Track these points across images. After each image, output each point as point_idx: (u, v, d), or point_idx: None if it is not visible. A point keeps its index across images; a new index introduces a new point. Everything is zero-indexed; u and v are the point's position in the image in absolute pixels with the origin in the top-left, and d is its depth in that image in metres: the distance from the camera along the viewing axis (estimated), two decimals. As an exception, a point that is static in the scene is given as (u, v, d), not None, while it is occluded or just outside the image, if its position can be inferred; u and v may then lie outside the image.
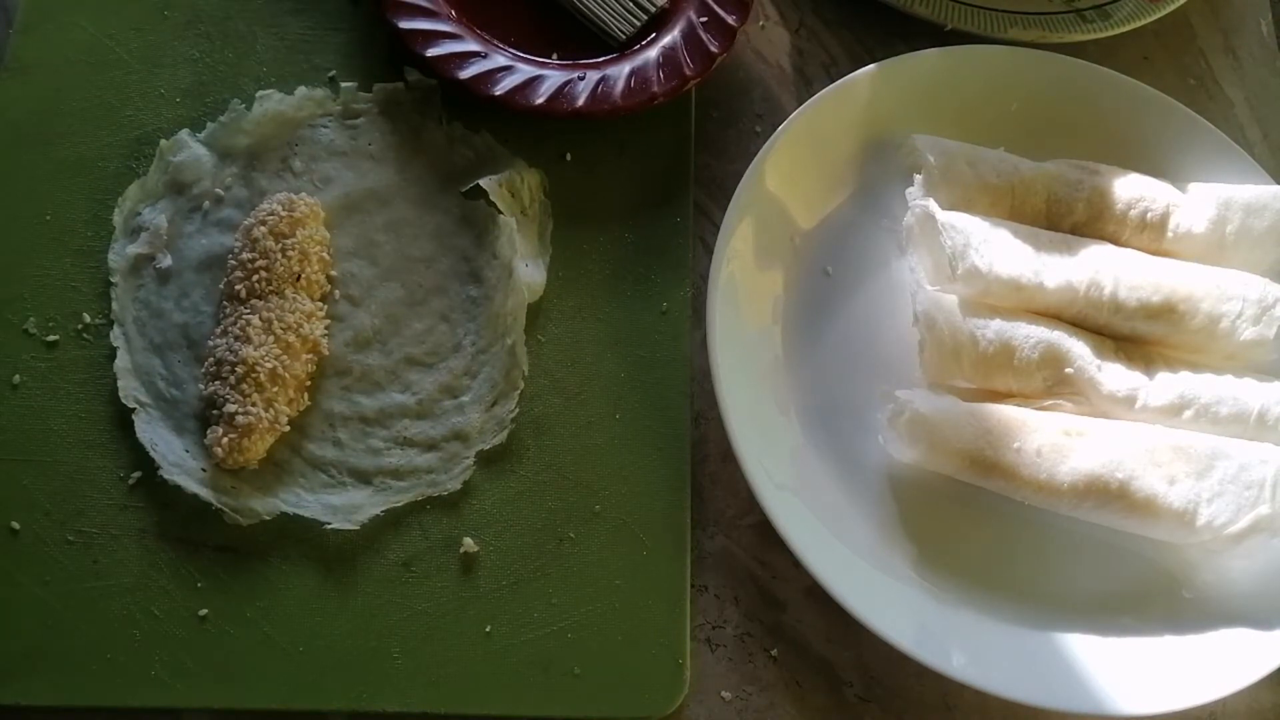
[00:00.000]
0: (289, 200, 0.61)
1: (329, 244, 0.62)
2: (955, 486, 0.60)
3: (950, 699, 0.58)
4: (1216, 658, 0.57)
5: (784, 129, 0.65)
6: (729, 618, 0.59)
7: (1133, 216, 0.64)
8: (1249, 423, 0.60)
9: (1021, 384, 0.60)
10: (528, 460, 0.60)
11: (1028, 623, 0.58)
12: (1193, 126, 0.69)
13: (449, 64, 0.65)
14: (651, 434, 0.61)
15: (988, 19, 0.72)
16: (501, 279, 0.62)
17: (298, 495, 0.58)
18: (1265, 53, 0.78)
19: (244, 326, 0.58)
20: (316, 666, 0.55)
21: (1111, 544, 0.60)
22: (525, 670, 0.56)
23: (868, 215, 0.67)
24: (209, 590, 0.56)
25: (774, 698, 0.58)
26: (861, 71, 0.67)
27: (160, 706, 0.55)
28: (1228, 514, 0.57)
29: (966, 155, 0.65)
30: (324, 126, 0.66)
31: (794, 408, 0.62)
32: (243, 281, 0.59)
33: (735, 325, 0.61)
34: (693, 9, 0.69)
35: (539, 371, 0.62)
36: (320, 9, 0.70)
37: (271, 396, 0.57)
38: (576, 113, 0.65)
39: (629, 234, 0.66)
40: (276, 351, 0.58)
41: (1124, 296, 0.61)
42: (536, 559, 0.58)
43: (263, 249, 0.60)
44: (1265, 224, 0.64)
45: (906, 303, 0.63)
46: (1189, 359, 0.62)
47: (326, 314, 0.61)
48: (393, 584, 0.57)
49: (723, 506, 0.61)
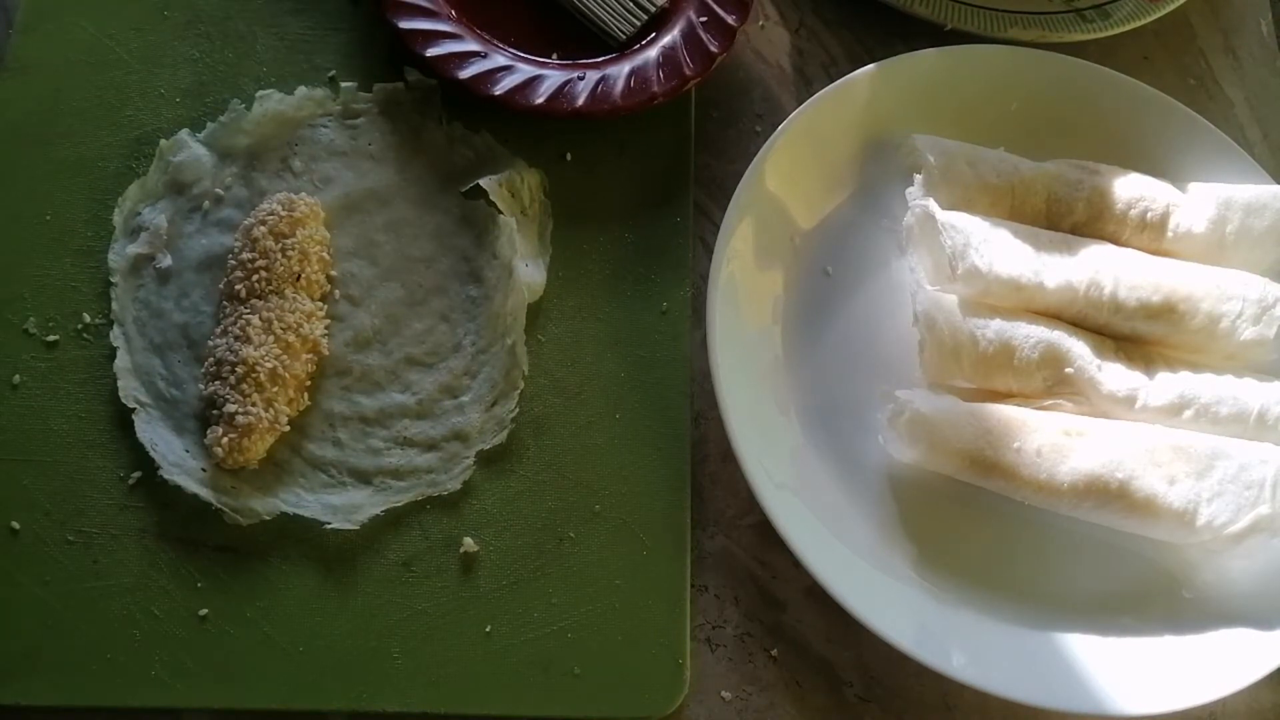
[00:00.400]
0: (289, 200, 0.61)
1: (329, 244, 0.62)
2: (955, 486, 0.60)
3: (950, 699, 0.58)
4: (1216, 658, 0.57)
5: (784, 129, 0.65)
6: (729, 618, 0.59)
7: (1133, 216, 0.64)
8: (1249, 423, 0.60)
9: (1021, 384, 0.60)
10: (528, 460, 0.60)
11: (1028, 623, 0.58)
12: (1193, 126, 0.69)
13: (449, 64, 0.65)
14: (651, 434, 0.61)
15: (988, 19, 0.72)
16: (501, 279, 0.62)
17: (298, 495, 0.58)
18: (1265, 53, 0.78)
19: (244, 326, 0.58)
20: (316, 666, 0.55)
21: (1111, 544, 0.60)
22: (525, 670, 0.56)
23: (868, 215, 0.67)
24: (209, 590, 0.56)
25: (774, 698, 0.58)
26: (861, 71, 0.67)
27: (160, 706, 0.55)
28: (1228, 514, 0.57)
29: (966, 155, 0.65)
30: (324, 126, 0.66)
31: (794, 408, 0.62)
32: (243, 281, 0.59)
33: (735, 325, 0.61)
34: (693, 9, 0.69)
35: (539, 371, 0.62)
36: (320, 9, 0.70)
37: (271, 396, 0.57)
38: (576, 113, 0.65)
39: (629, 234, 0.66)
40: (276, 351, 0.58)
41: (1124, 296, 0.61)
42: (536, 559, 0.58)
43: (263, 249, 0.60)
44: (1265, 224, 0.64)
45: (906, 303, 0.63)
46: (1189, 359, 0.62)
47: (326, 314, 0.61)
48: (393, 584, 0.57)
49: (723, 506, 0.61)
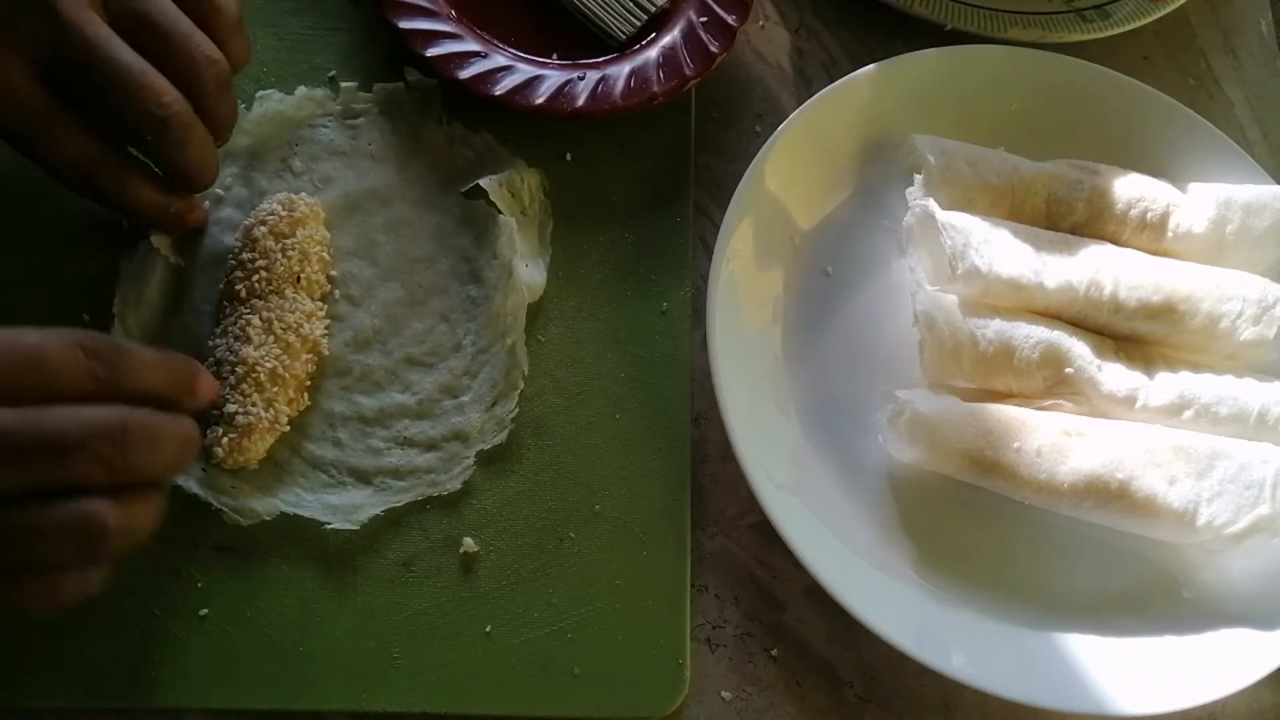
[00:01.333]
0: (289, 200, 0.61)
1: (329, 244, 0.62)
2: (955, 486, 0.60)
3: (950, 699, 0.58)
4: (1216, 658, 0.57)
5: (784, 129, 0.65)
6: (729, 618, 0.59)
7: (1133, 216, 0.64)
8: (1249, 423, 0.60)
9: (1021, 384, 0.60)
10: (528, 460, 0.60)
11: (1028, 623, 0.58)
12: (1193, 126, 0.69)
13: (449, 64, 0.65)
14: (651, 434, 0.61)
15: (988, 19, 0.72)
16: (501, 279, 0.62)
17: (298, 495, 0.58)
18: (1265, 53, 0.78)
19: (244, 326, 0.58)
20: (316, 666, 0.55)
21: (1111, 544, 0.60)
22: (525, 670, 0.56)
23: (868, 215, 0.67)
24: (209, 590, 0.56)
25: (774, 698, 0.58)
26: (861, 71, 0.67)
27: (160, 706, 0.55)
28: (1228, 514, 0.57)
29: (966, 155, 0.65)
30: (324, 126, 0.66)
31: (794, 408, 0.62)
32: (243, 281, 0.59)
33: (735, 325, 0.61)
34: (693, 9, 0.69)
35: (539, 371, 0.62)
36: (320, 9, 0.70)
37: (271, 396, 0.57)
38: (576, 113, 0.65)
39: (629, 234, 0.66)
40: (276, 351, 0.58)
41: (1124, 296, 0.61)
42: (536, 559, 0.58)
43: (263, 249, 0.59)
44: (1265, 224, 0.64)
45: (906, 303, 0.63)
46: (1189, 359, 0.63)
47: (327, 314, 0.61)
48: (393, 584, 0.57)
49: (723, 506, 0.61)
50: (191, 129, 0.53)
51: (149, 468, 0.46)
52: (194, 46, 0.53)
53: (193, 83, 0.53)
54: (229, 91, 0.56)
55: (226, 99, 0.56)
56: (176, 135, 0.53)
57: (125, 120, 0.52)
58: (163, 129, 0.52)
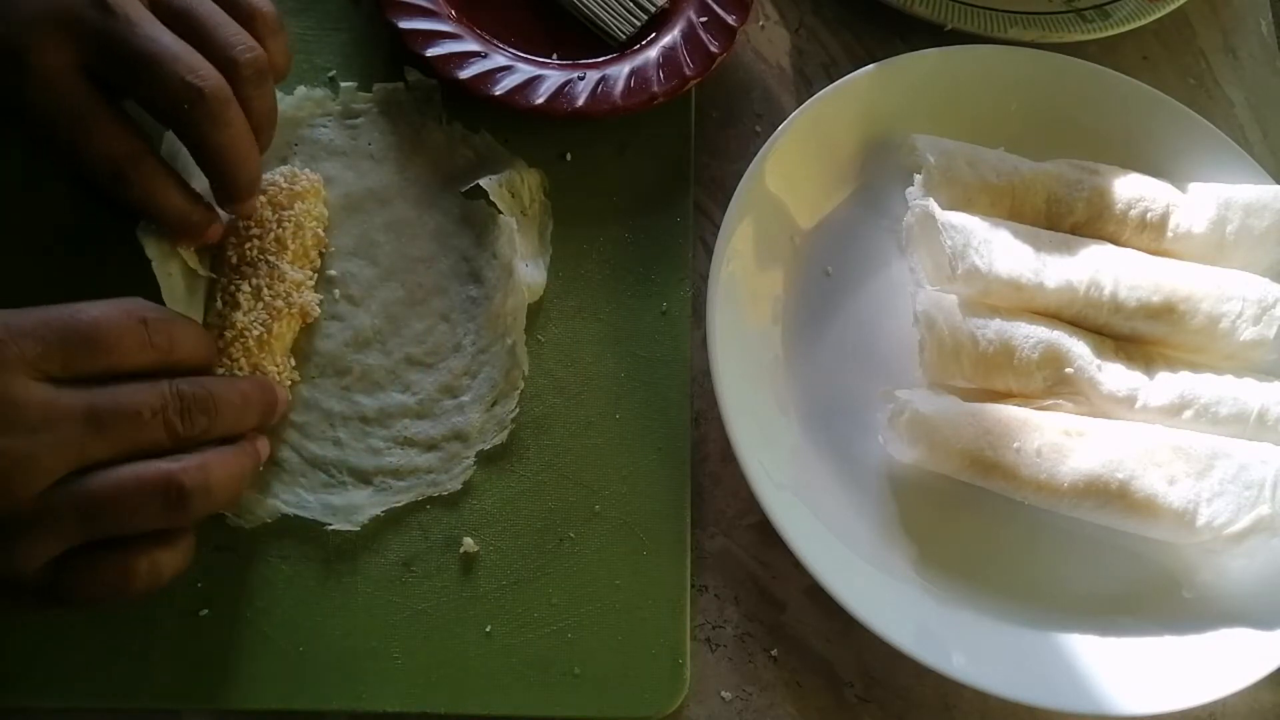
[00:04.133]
0: (291, 174, 0.62)
1: (325, 221, 0.63)
2: (955, 486, 0.60)
3: (950, 699, 0.58)
4: (1216, 658, 0.57)
5: (784, 129, 0.65)
6: (729, 618, 0.59)
7: (1133, 216, 0.64)
8: (1249, 423, 0.60)
9: (1021, 384, 0.60)
10: (528, 460, 0.60)
11: (1028, 623, 0.58)
12: (1193, 126, 0.69)
13: (449, 64, 0.65)
14: (651, 434, 0.61)
15: (988, 19, 0.72)
16: (501, 279, 0.62)
17: (298, 495, 0.58)
18: (1265, 53, 0.78)
19: (234, 293, 0.58)
20: (316, 666, 0.55)
21: (1111, 544, 0.60)
22: (525, 670, 0.56)
23: (868, 215, 0.67)
24: (209, 590, 0.56)
25: (774, 698, 0.58)
26: (861, 71, 0.67)
27: (160, 707, 0.55)
28: (1228, 514, 0.57)
29: (966, 155, 0.65)
30: (324, 126, 0.66)
31: (794, 408, 0.62)
32: (235, 248, 0.59)
33: (735, 325, 0.61)
34: (693, 9, 0.69)
35: (539, 371, 0.62)
36: (320, 9, 0.70)
37: (259, 361, 0.58)
38: (576, 113, 0.65)
39: (629, 234, 0.66)
40: (264, 318, 0.58)
41: (1124, 296, 0.61)
42: (536, 559, 0.58)
43: (259, 219, 0.60)
44: (1265, 224, 0.64)
45: (906, 303, 0.63)
46: (1189, 359, 0.63)
47: (322, 303, 0.61)
48: (393, 584, 0.57)
49: (723, 506, 0.61)
50: (229, 106, 0.53)
51: (216, 429, 0.51)
52: (232, 34, 0.54)
53: (230, 69, 0.54)
54: (267, 83, 0.56)
55: (265, 91, 0.56)
56: (213, 108, 0.52)
57: (163, 94, 0.52)
58: (199, 98, 0.52)
